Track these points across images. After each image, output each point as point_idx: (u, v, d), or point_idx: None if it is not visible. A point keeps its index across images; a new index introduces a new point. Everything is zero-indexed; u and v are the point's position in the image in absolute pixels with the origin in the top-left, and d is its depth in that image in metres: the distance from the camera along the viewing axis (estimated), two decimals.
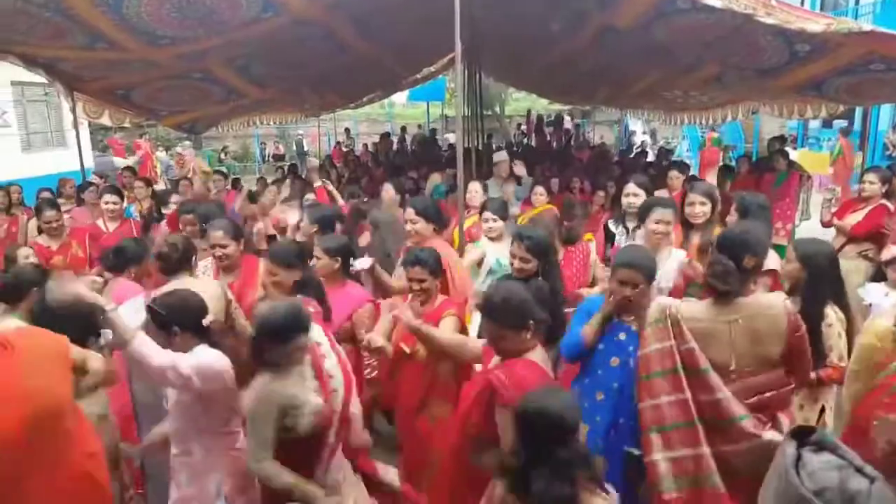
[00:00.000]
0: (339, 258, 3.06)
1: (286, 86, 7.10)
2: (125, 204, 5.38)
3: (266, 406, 2.07)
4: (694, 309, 2.22)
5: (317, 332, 2.30)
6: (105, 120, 6.08)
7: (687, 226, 3.48)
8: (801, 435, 1.05)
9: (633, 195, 3.85)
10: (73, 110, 5.62)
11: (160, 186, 11.66)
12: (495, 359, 2.20)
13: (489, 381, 2.05)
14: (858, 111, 9.70)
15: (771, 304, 2.18)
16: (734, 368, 2.15)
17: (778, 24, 3.32)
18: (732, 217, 3.36)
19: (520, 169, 6.62)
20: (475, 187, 4.80)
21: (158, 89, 5.79)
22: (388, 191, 5.02)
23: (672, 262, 3.15)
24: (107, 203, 5.01)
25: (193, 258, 3.09)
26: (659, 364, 2.17)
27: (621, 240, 3.87)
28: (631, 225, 3.82)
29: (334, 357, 2.33)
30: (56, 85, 5.34)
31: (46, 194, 6.00)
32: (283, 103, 8.64)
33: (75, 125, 5.84)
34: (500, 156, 6.46)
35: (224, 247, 3.23)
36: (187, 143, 13.62)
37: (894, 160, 10.06)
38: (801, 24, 3.31)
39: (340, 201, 5.19)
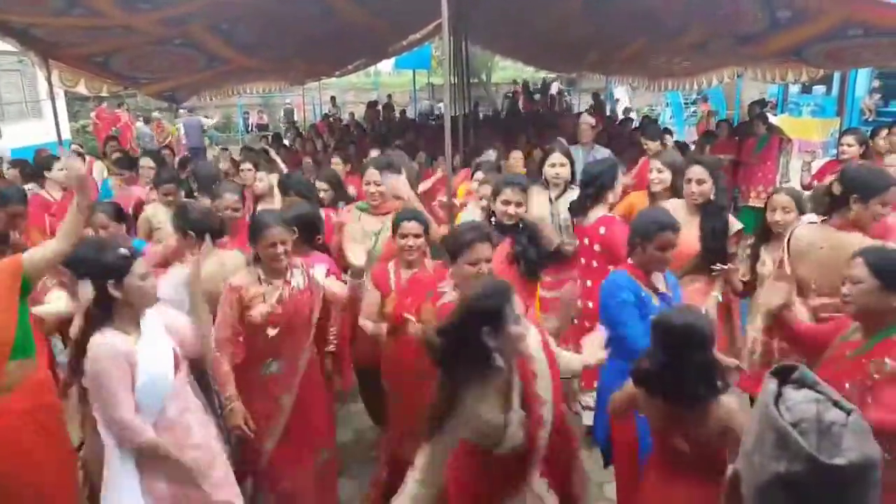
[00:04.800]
0: (296, 228, 2.91)
1: (271, 53, 6.98)
2: (105, 176, 5.35)
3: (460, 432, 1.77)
4: (801, 231, 2.71)
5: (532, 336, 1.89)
6: (81, 88, 5.92)
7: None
8: (784, 373, 1.12)
9: (560, 165, 3.64)
10: (49, 80, 5.48)
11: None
12: None
13: None
14: (836, 77, 9.80)
15: (852, 243, 2.36)
16: (814, 288, 2.59)
17: None
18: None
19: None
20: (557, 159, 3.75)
21: (138, 56, 5.66)
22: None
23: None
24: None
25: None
26: None
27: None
28: (554, 195, 3.64)
29: (545, 364, 1.91)
30: (29, 54, 5.21)
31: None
32: (268, 71, 8.49)
33: (51, 95, 5.71)
34: (585, 118, 5.94)
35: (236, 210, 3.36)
36: (156, 114, 13.47)
37: (870, 125, 10.21)
38: None
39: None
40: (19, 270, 2.26)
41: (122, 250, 2.07)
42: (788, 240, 2.75)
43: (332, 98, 16.86)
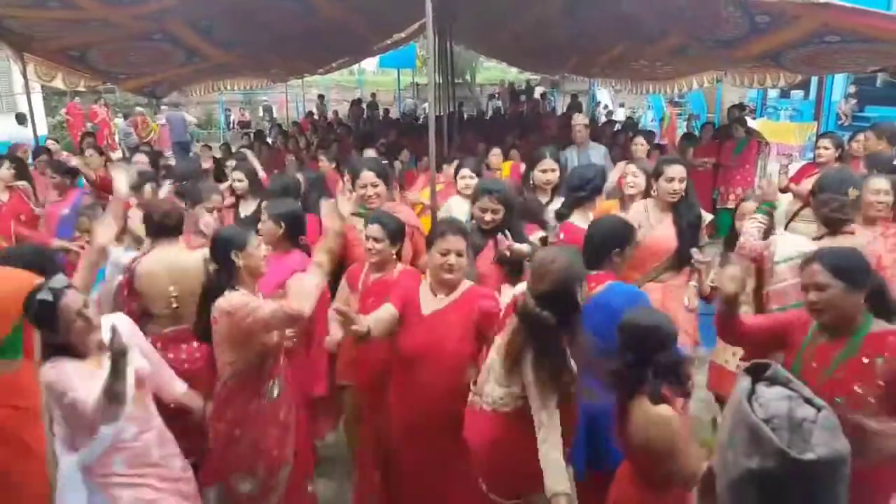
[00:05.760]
0: (284, 224, 2.93)
1: (251, 49, 6.92)
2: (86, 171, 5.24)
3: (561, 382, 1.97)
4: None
5: None
6: (58, 83, 5.82)
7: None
8: (757, 370, 1.14)
9: (551, 171, 3.62)
10: (24, 74, 5.37)
11: (118, 154, 11.32)
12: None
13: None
14: (814, 81, 10.00)
15: (858, 244, 2.41)
16: None
17: None
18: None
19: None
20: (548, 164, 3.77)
21: (116, 50, 5.58)
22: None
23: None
24: None
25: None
26: (795, 297, 2.52)
27: None
28: (544, 200, 3.62)
29: None
30: (3, 48, 5.10)
31: None
32: (249, 68, 8.42)
33: (26, 90, 5.59)
34: (578, 118, 5.96)
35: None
36: (139, 109, 13.26)
37: (846, 129, 10.42)
38: None
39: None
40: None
41: (46, 293, 1.97)
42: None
43: (321, 96, 16.76)
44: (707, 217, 3.25)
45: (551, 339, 1.94)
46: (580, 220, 3.23)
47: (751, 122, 9.05)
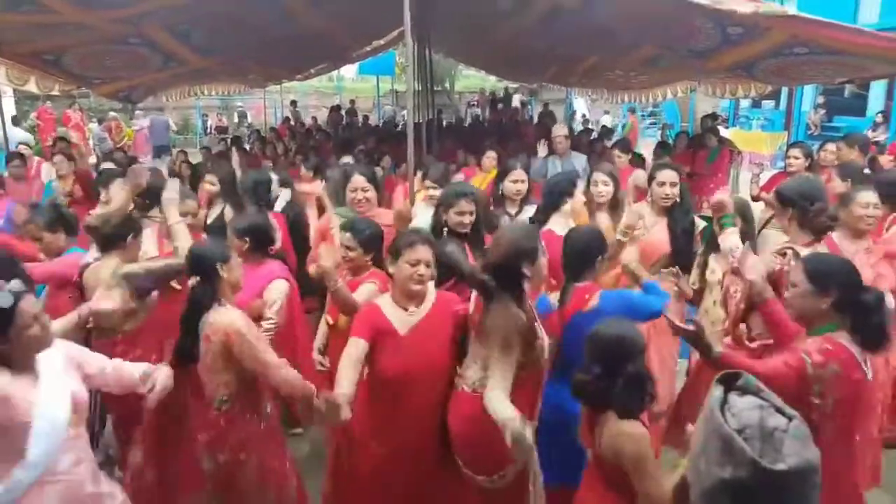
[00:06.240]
0: (248, 238, 2.94)
1: (230, 55, 6.87)
2: (49, 179, 5.16)
3: (514, 326, 2.07)
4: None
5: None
6: (32, 87, 5.68)
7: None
8: (729, 380, 1.16)
9: (521, 181, 3.64)
10: None
11: (93, 160, 11.10)
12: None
13: None
14: (784, 92, 10.26)
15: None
16: None
17: (709, 3, 3.51)
18: None
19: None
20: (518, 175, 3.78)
21: (91, 54, 5.48)
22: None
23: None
24: None
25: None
26: None
27: None
28: (513, 211, 3.64)
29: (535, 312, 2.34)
30: None
31: None
32: (227, 73, 8.34)
33: None
34: (559, 129, 6.03)
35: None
36: (112, 114, 13.03)
37: (816, 139, 10.70)
38: (731, 4, 3.51)
39: None
40: None
41: (5, 295, 1.79)
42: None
43: (293, 102, 16.66)
44: (700, 224, 3.29)
45: (500, 299, 2.11)
46: (558, 227, 3.28)
47: (723, 132, 9.24)
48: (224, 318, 2.22)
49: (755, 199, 5.04)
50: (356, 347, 2.20)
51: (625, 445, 1.77)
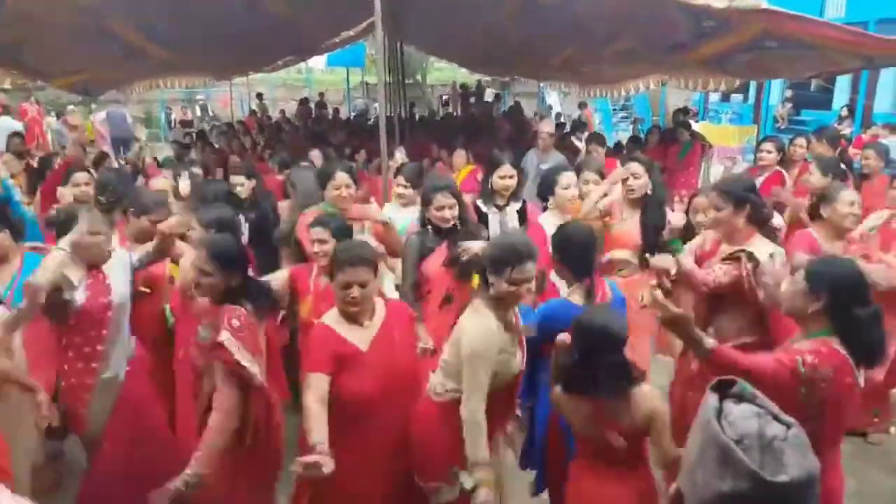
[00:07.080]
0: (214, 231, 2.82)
1: (194, 46, 6.63)
2: (4, 175, 4.90)
3: (488, 345, 2.06)
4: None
5: None
6: None
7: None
8: (723, 387, 1.11)
9: (510, 177, 3.57)
10: None
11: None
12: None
13: None
14: (753, 86, 10.40)
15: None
16: None
17: None
18: None
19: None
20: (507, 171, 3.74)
21: (50, 47, 5.23)
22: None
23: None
24: None
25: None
26: None
27: (495, 219, 3.57)
28: (501, 203, 3.61)
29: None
30: None
31: None
32: (191, 65, 8.07)
33: None
34: (545, 125, 6.09)
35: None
36: (71, 107, 12.56)
37: (784, 132, 10.91)
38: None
39: None
40: None
41: None
42: None
43: (259, 94, 16.31)
44: (680, 219, 3.34)
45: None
46: (545, 222, 3.32)
47: (693, 126, 9.35)
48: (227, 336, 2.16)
49: None
50: (319, 383, 2.07)
51: (657, 405, 1.92)
